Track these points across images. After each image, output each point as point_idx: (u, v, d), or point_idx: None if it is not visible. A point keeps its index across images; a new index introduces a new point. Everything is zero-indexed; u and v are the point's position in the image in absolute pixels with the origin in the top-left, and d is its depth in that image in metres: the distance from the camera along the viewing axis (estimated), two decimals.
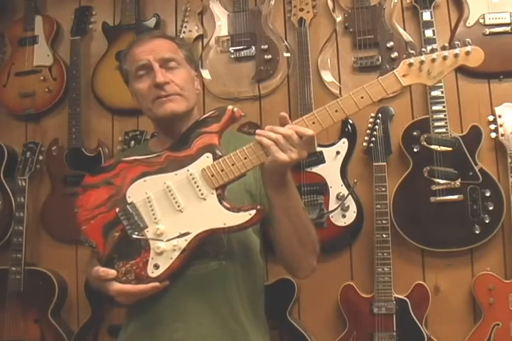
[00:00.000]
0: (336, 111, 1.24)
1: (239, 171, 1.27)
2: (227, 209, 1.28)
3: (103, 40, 2.73)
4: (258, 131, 1.26)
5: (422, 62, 1.24)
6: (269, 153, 1.23)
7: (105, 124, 2.72)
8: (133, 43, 1.51)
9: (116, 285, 1.31)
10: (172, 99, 1.41)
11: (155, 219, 1.32)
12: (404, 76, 1.24)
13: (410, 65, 1.24)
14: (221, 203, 1.28)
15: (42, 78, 2.71)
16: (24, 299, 2.47)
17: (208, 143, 1.30)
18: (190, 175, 1.30)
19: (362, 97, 1.24)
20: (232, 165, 1.27)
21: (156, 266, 1.30)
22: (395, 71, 1.25)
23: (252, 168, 1.27)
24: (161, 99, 1.41)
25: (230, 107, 1.30)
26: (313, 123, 1.24)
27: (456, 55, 1.23)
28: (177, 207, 1.30)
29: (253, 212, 1.26)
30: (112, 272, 1.31)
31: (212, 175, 1.28)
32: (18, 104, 2.74)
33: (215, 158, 1.29)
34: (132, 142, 2.52)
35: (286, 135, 1.22)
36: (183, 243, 1.29)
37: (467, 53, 1.23)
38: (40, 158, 2.63)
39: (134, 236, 1.31)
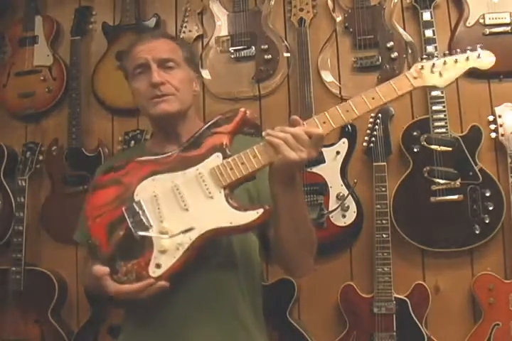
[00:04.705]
0: (347, 111, 1.24)
1: (248, 170, 1.26)
2: (235, 208, 1.27)
3: (103, 40, 2.74)
4: (268, 131, 1.25)
5: (433, 65, 1.25)
6: (279, 152, 1.23)
7: (105, 124, 2.73)
8: (134, 42, 1.52)
9: (115, 287, 1.29)
10: (166, 99, 1.42)
11: (160, 217, 1.31)
12: (415, 78, 1.25)
13: (422, 67, 1.26)
14: (228, 202, 1.27)
15: (42, 78, 2.71)
16: (24, 299, 2.47)
17: (218, 142, 1.30)
18: (199, 173, 1.29)
19: (373, 98, 1.24)
20: (242, 163, 1.26)
21: (158, 266, 1.28)
22: (406, 73, 1.26)
23: (261, 167, 1.27)
24: (156, 100, 1.42)
25: (242, 109, 1.30)
26: (324, 122, 1.24)
27: (467, 59, 1.25)
28: (183, 206, 1.29)
29: (261, 210, 1.25)
30: (105, 268, 1.28)
31: (221, 174, 1.27)
32: (18, 104, 2.74)
33: (225, 157, 1.28)
34: (132, 142, 2.52)
35: (295, 134, 1.22)
36: (187, 241, 1.28)
37: (478, 56, 1.25)
38: (40, 158, 2.63)
39: (139, 233, 1.31)
